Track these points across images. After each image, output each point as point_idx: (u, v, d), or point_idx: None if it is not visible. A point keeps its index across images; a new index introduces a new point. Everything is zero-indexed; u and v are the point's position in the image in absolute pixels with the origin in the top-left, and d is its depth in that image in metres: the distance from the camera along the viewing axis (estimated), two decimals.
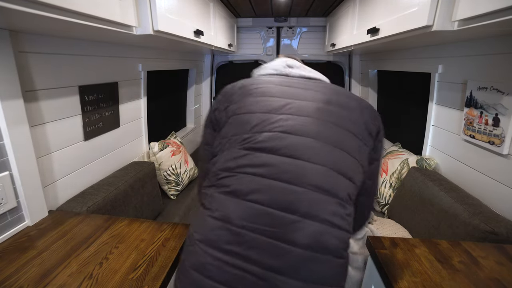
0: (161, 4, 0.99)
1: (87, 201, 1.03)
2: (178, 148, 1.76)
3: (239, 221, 0.50)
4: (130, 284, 0.64)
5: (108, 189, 1.14)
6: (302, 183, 0.51)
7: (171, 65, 1.93)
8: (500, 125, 0.96)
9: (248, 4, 2.04)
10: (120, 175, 1.28)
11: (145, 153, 1.65)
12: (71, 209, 1.00)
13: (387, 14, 1.15)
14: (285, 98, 0.59)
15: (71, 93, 1.05)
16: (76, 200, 1.04)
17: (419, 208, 1.19)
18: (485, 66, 1.05)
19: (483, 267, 0.71)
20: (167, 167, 1.62)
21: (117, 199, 1.14)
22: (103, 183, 1.19)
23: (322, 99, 0.59)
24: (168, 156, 1.64)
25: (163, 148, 1.62)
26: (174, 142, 1.76)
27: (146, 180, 1.39)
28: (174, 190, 1.68)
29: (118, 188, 1.17)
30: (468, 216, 0.93)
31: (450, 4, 0.79)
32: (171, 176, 1.64)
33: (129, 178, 1.27)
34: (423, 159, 1.39)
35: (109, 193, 1.11)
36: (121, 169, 1.35)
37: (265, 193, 0.51)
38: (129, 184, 1.24)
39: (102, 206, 1.05)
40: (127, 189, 1.22)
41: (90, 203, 1.02)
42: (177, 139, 1.87)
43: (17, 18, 0.64)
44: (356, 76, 2.63)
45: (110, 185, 1.18)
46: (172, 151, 1.68)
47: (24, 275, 0.67)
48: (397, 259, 0.74)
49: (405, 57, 1.67)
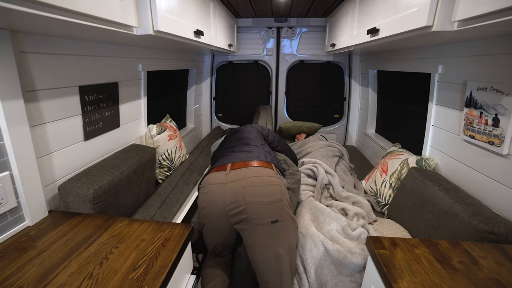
0: (161, 4, 0.99)
1: (93, 183, 0.98)
2: (175, 133, 1.74)
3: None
4: (130, 284, 0.64)
5: (113, 173, 1.08)
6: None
7: (171, 65, 1.93)
8: (500, 125, 0.96)
9: (248, 4, 2.04)
10: (124, 158, 1.22)
11: (143, 135, 1.60)
12: (76, 190, 0.95)
13: (387, 14, 1.15)
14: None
15: (71, 93, 1.05)
16: (81, 180, 0.98)
17: (419, 208, 1.19)
18: (485, 67, 1.06)
19: (483, 267, 0.71)
20: (163, 152, 1.61)
21: (122, 184, 1.10)
22: (108, 165, 1.13)
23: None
24: (165, 140, 1.62)
25: (161, 131, 1.59)
26: (171, 126, 1.74)
27: (147, 166, 1.36)
28: (164, 175, 1.65)
29: (123, 173, 1.12)
30: (467, 216, 0.93)
31: (449, 4, 0.79)
32: (165, 161, 1.63)
33: (133, 163, 1.22)
34: (423, 159, 1.39)
35: (114, 177, 1.06)
36: (123, 151, 1.31)
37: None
38: (132, 170, 1.19)
39: (108, 190, 1.01)
40: (130, 174, 1.17)
41: (97, 186, 0.97)
42: (173, 123, 1.83)
43: (18, 18, 0.64)
44: (356, 76, 2.63)
45: (115, 168, 1.12)
46: (169, 135, 1.66)
47: (24, 275, 0.67)
48: (397, 259, 0.74)
49: (405, 57, 1.67)
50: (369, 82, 2.35)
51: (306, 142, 2.06)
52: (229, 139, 1.43)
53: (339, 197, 1.47)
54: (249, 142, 1.31)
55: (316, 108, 2.86)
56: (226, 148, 1.31)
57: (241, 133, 1.43)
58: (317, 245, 1.06)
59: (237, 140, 1.35)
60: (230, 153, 1.20)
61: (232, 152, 1.20)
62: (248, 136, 1.38)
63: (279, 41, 2.69)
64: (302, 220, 1.20)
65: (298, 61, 2.74)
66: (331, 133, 2.86)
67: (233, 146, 1.29)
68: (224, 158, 1.16)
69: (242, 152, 1.19)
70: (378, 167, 1.66)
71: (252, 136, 1.38)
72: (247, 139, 1.34)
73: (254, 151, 1.20)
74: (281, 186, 1.04)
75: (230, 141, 1.37)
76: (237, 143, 1.31)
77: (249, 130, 1.47)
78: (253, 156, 1.14)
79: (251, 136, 1.38)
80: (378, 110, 2.37)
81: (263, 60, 2.76)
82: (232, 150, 1.24)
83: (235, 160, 1.11)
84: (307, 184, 1.54)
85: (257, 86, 2.89)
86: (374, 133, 2.41)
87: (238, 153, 1.18)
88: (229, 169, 1.06)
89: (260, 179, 1.01)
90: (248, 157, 1.13)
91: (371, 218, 1.34)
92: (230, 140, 1.40)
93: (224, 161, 1.12)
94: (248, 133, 1.41)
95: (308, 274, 1.04)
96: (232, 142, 1.34)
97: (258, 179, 1.01)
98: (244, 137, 1.36)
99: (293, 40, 2.68)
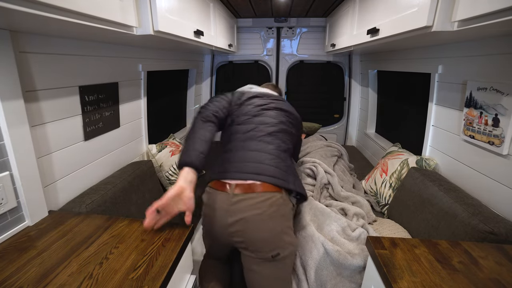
0: (162, 4, 0.99)
1: (86, 199, 1.04)
2: (177, 148, 1.76)
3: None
4: (130, 284, 0.64)
5: (106, 187, 1.14)
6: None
7: (171, 65, 1.93)
8: (500, 125, 0.96)
9: (248, 4, 2.04)
10: (118, 175, 1.29)
11: (145, 153, 1.65)
12: (70, 209, 1.00)
13: (387, 14, 1.15)
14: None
15: (72, 93, 1.05)
16: (75, 200, 1.05)
17: (418, 208, 1.19)
18: (485, 67, 1.06)
19: (483, 267, 0.71)
20: (168, 168, 1.62)
21: (117, 197, 1.15)
22: (102, 183, 1.20)
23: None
24: (167, 156, 1.64)
25: (161, 149, 1.63)
26: (172, 143, 1.76)
27: (145, 177, 1.39)
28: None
29: (116, 186, 1.18)
30: (467, 216, 0.93)
31: (449, 4, 0.79)
32: (173, 176, 1.64)
33: (127, 176, 1.28)
34: (423, 159, 1.39)
35: (107, 191, 1.12)
36: (119, 170, 1.36)
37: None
38: (127, 182, 1.25)
39: (102, 203, 1.06)
40: (125, 186, 1.22)
41: (89, 201, 1.03)
42: (175, 140, 1.87)
43: (18, 19, 0.64)
44: (356, 76, 2.63)
45: (107, 184, 1.18)
46: (171, 151, 1.68)
47: (24, 275, 0.67)
48: (397, 259, 0.74)
49: (405, 57, 1.67)
50: (369, 82, 2.35)
51: (306, 142, 2.06)
52: (247, 117, 1.12)
53: (338, 197, 1.47)
54: (269, 135, 1.08)
55: (316, 108, 2.86)
56: (238, 138, 1.08)
57: (267, 115, 1.13)
58: (317, 246, 1.06)
59: (258, 124, 1.10)
60: (239, 154, 1.03)
61: (243, 151, 1.03)
62: (274, 123, 1.11)
63: (279, 41, 2.69)
64: (302, 220, 1.20)
65: (298, 61, 2.74)
66: (331, 133, 2.86)
67: (247, 138, 1.06)
68: (231, 164, 1.01)
69: (252, 153, 1.02)
70: (378, 167, 1.66)
71: (279, 127, 1.12)
72: (269, 127, 1.09)
73: (268, 158, 1.02)
74: (286, 215, 0.97)
75: (247, 123, 1.10)
76: (255, 133, 1.07)
77: (279, 114, 1.16)
78: (263, 171, 0.97)
79: (277, 127, 1.11)
80: (378, 110, 2.36)
81: (263, 60, 2.76)
82: (243, 145, 1.05)
83: (241, 173, 0.97)
84: (307, 184, 1.54)
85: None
86: (374, 133, 2.41)
87: (248, 154, 1.02)
88: (233, 190, 0.94)
89: (264, 215, 0.92)
90: (257, 170, 0.97)
91: (370, 218, 1.34)
92: (247, 122, 1.11)
93: (230, 174, 0.98)
94: (277, 118, 1.14)
95: (308, 275, 1.04)
96: (249, 126, 1.09)
97: (262, 215, 0.91)
98: (267, 123, 1.10)
99: (293, 40, 2.68)
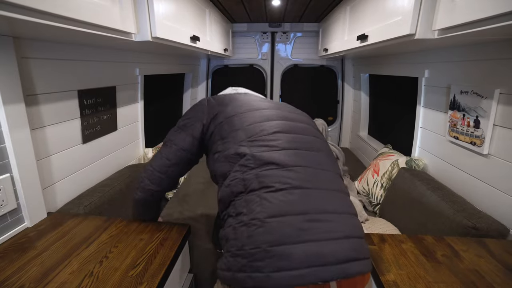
0: (159, 11, 1.03)
1: (84, 201, 1.06)
2: None
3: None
4: (130, 281, 0.67)
5: (103, 189, 1.17)
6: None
7: (168, 69, 1.96)
8: (480, 126, 1.02)
9: (242, 9, 2.09)
10: (115, 177, 1.31)
11: (141, 156, 1.67)
12: (68, 210, 1.01)
13: (375, 22, 1.21)
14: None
15: (71, 97, 1.08)
16: (73, 202, 1.07)
17: (408, 206, 1.24)
18: (466, 72, 1.12)
19: (464, 260, 0.76)
20: None
21: (114, 198, 1.17)
22: (99, 185, 1.22)
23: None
24: None
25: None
26: None
27: None
28: (172, 193, 1.69)
29: (114, 188, 1.20)
30: (452, 213, 0.98)
31: (430, 14, 0.85)
32: None
33: (125, 178, 1.30)
34: (412, 160, 1.44)
35: (104, 193, 1.14)
36: (117, 172, 1.38)
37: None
38: (125, 184, 1.27)
39: (99, 205, 1.08)
40: (122, 188, 1.24)
41: (87, 203, 1.05)
42: None
43: (21, 26, 0.67)
44: (348, 80, 2.70)
45: (105, 186, 1.20)
46: None
47: (25, 274, 0.68)
48: (385, 254, 0.78)
49: (395, 62, 1.74)
50: (361, 85, 2.42)
51: None
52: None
53: None
54: (327, 168, 0.67)
55: (310, 111, 2.91)
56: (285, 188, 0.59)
57: (304, 128, 0.74)
58: None
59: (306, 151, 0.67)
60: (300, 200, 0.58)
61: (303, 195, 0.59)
62: (317, 141, 0.73)
63: (274, 46, 2.75)
64: None
65: (293, 65, 2.80)
66: None
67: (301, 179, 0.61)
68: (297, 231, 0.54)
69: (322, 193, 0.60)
70: (370, 168, 1.71)
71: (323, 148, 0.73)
72: (318, 152, 0.69)
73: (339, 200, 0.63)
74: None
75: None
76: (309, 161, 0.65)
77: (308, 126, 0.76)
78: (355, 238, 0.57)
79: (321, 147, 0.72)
80: (371, 113, 2.43)
81: (258, 64, 2.81)
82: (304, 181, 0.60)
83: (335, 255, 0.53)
84: None
85: (252, 90, 2.93)
86: (367, 135, 2.47)
87: (331, 225, 0.57)
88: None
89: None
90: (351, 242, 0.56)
91: (362, 217, 1.38)
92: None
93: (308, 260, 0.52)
94: (310, 131, 0.75)
95: None
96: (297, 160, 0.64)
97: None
98: (313, 147, 0.69)
99: (287, 44, 2.74)
